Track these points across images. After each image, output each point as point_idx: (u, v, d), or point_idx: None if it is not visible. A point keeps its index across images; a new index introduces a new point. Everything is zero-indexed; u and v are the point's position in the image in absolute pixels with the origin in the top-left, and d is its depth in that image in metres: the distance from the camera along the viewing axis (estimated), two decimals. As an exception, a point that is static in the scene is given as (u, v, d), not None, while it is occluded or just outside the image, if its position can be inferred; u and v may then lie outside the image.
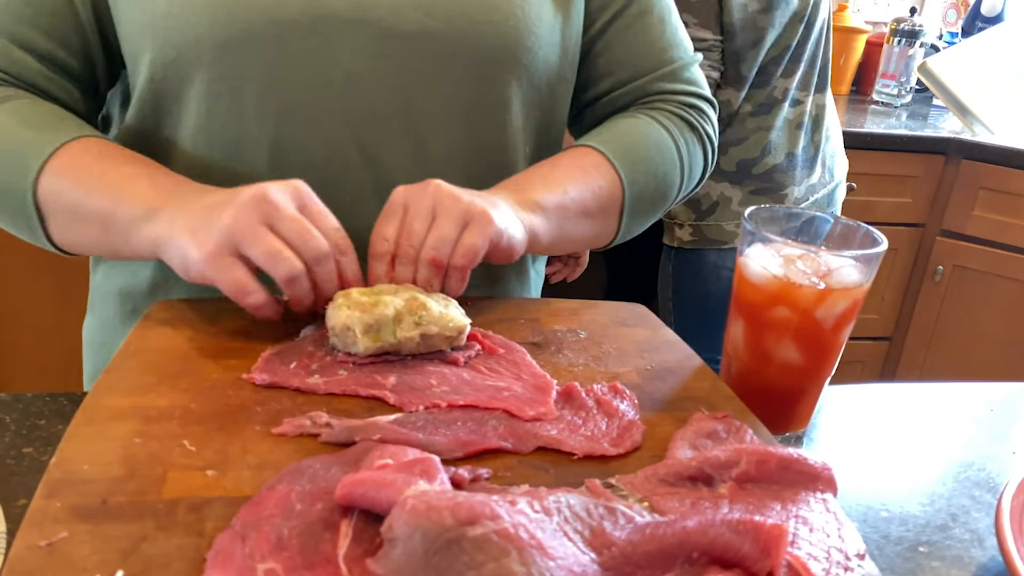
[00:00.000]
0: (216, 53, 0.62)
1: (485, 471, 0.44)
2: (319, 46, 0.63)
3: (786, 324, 0.55)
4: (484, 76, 0.68)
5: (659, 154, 0.75)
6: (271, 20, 0.62)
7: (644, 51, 0.77)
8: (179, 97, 0.65)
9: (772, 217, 0.59)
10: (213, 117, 0.65)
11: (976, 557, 0.50)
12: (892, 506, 0.54)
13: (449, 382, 0.53)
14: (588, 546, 0.37)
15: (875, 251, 0.54)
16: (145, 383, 0.50)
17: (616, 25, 0.76)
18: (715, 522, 0.37)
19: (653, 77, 0.77)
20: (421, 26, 0.65)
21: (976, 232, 1.96)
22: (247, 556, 0.36)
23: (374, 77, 0.65)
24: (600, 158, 0.71)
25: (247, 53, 0.62)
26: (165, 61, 0.63)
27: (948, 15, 2.55)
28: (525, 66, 0.69)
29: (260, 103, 0.64)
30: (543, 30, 0.69)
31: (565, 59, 0.73)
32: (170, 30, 0.62)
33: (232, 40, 0.62)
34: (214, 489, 0.41)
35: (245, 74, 0.63)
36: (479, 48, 0.67)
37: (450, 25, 0.65)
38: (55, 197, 0.60)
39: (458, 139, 0.69)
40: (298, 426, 0.47)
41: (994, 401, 0.71)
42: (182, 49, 0.62)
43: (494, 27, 0.67)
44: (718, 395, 0.55)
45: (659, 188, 0.75)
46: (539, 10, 0.69)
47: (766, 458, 0.44)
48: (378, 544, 0.37)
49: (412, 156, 0.68)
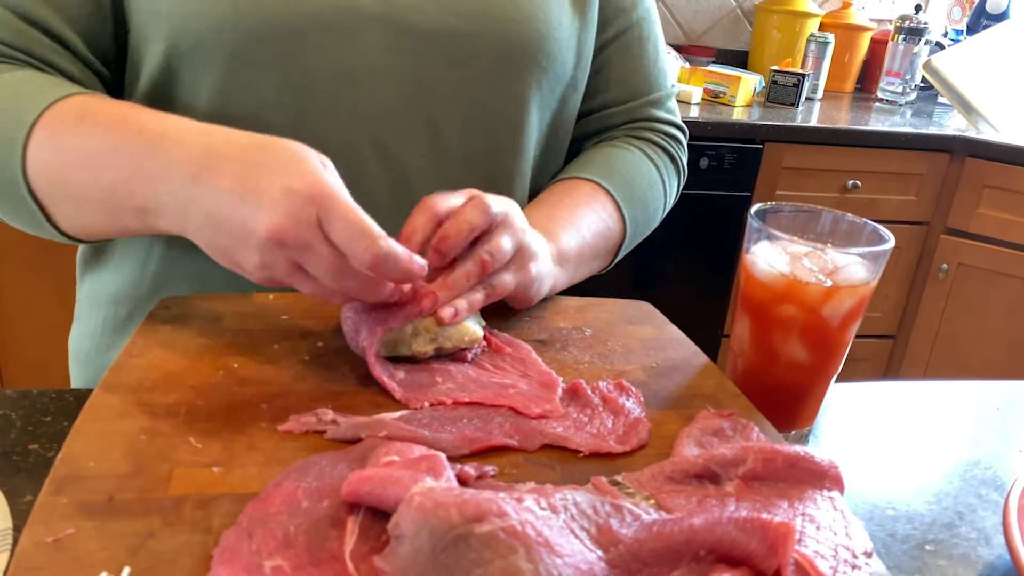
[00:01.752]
0: (237, 43, 0.61)
1: (491, 468, 0.44)
2: (341, 39, 0.63)
3: (793, 322, 0.55)
4: (503, 76, 0.68)
5: (651, 192, 0.79)
6: (296, 11, 0.61)
7: (639, 75, 0.80)
8: (193, 87, 0.64)
9: (778, 214, 0.59)
10: (229, 106, 0.64)
11: (983, 555, 0.50)
12: (898, 504, 0.54)
13: (455, 379, 0.53)
14: (595, 544, 0.37)
15: (882, 248, 0.54)
16: (151, 380, 0.50)
17: (618, 43, 0.77)
18: (722, 520, 0.37)
19: (644, 102, 0.81)
20: (443, 24, 0.65)
21: (981, 230, 1.96)
22: (254, 553, 0.36)
23: (394, 73, 0.65)
24: (608, 199, 0.74)
25: (268, 43, 0.61)
26: (181, 50, 0.62)
27: (953, 12, 2.54)
28: (544, 68, 0.69)
29: (279, 94, 0.63)
30: (562, 34, 0.70)
31: (579, 66, 0.74)
32: (188, 16, 0.61)
33: (254, 30, 0.61)
34: (220, 486, 0.41)
35: (264, 64, 0.62)
36: (500, 47, 0.67)
37: (472, 23, 0.65)
38: (46, 186, 0.56)
39: (475, 139, 0.69)
40: (304, 423, 0.47)
41: (1000, 400, 0.70)
42: (202, 37, 0.61)
43: (516, 26, 0.67)
44: (724, 393, 0.55)
45: (648, 225, 0.80)
46: (559, 14, 0.69)
47: (773, 456, 0.44)
48: (384, 541, 0.37)
49: (428, 154, 0.67)
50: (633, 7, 0.78)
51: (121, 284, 0.73)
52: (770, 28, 2.27)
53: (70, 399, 0.56)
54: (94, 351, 0.75)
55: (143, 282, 0.71)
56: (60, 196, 0.57)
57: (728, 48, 2.45)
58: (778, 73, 2.06)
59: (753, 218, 0.56)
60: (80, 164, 0.54)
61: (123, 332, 0.73)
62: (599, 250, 0.73)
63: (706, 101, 2.03)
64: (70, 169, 0.55)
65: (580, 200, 0.72)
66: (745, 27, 2.47)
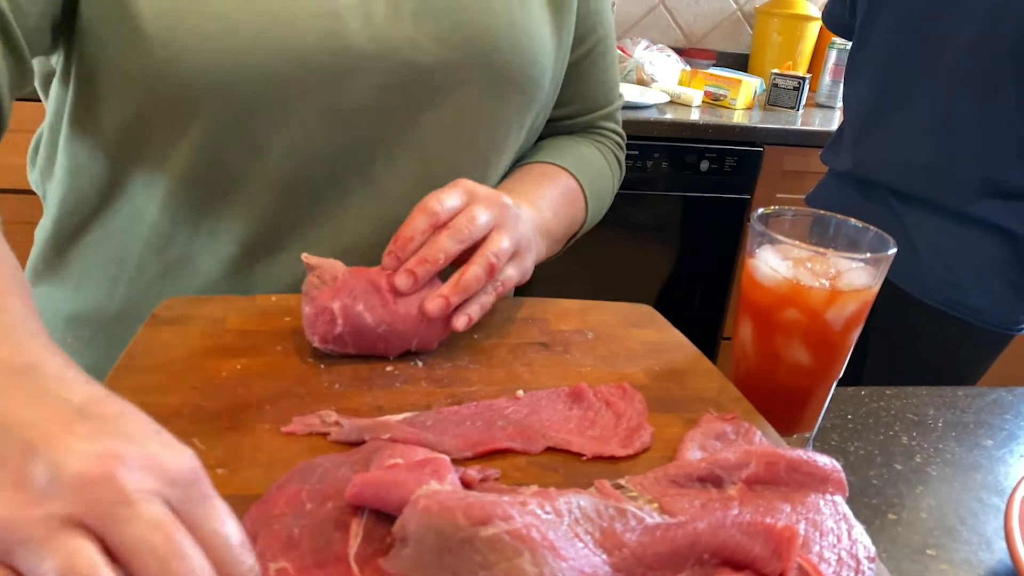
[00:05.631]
0: (225, 92, 0.58)
1: (495, 471, 0.44)
2: (332, 82, 0.61)
3: (795, 326, 0.55)
4: (492, 102, 0.68)
5: (608, 190, 0.84)
6: (287, 56, 0.58)
7: (600, 89, 0.83)
8: (180, 132, 0.61)
9: (780, 218, 0.59)
10: (213, 151, 0.62)
11: (984, 560, 0.50)
12: (900, 509, 0.54)
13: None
14: (599, 547, 0.37)
15: (884, 253, 0.54)
16: (154, 381, 0.50)
17: (588, 60, 0.79)
18: (726, 524, 0.37)
19: (602, 114, 0.84)
20: (435, 57, 0.64)
21: (980, 234, 1.95)
22: (258, 555, 0.36)
23: (384, 108, 0.64)
24: (578, 188, 0.77)
25: (258, 88, 0.59)
26: (163, 94, 0.59)
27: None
28: (527, 93, 0.70)
29: (264, 138, 0.62)
30: (545, 59, 0.71)
31: (554, 84, 0.75)
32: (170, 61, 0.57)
33: (245, 75, 0.58)
34: (224, 487, 0.41)
35: (253, 109, 0.60)
36: (489, 76, 0.67)
37: (463, 54, 0.65)
38: None
39: (463, 163, 0.69)
40: (308, 425, 0.47)
41: (1002, 404, 0.70)
42: (187, 82, 0.57)
43: (504, 55, 0.67)
44: (726, 396, 0.55)
45: (596, 220, 0.83)
46: (542, 39, 0.70)
47: (775, 460, 0.44)
48: (389, 544, 0.37)
49: (415, 182, 0.67)
50: (600, 23, 0.79)
51: (82, 306, 0.69)
52: (771, 31, 2.28)
53: (72, 400, 0.56)
54: None
55: (109, 306, 0.68)
56: None
57: (729, 51, 2.46)
58: (779, 76, 2.06)
59: (756, 222, 0.56)
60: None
61: (83, 356, 0.67)
62: (565, 233, 0.76)
63: (706, 104, 2.03)
64: None
65: (557, 183, 0.75)
66: (746, 30, 2.47)
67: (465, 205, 0.57)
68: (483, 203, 0.57)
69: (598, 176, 0.81)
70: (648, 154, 1.81)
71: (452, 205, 0.56)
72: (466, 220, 0.56)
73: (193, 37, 0.57)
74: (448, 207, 0.56)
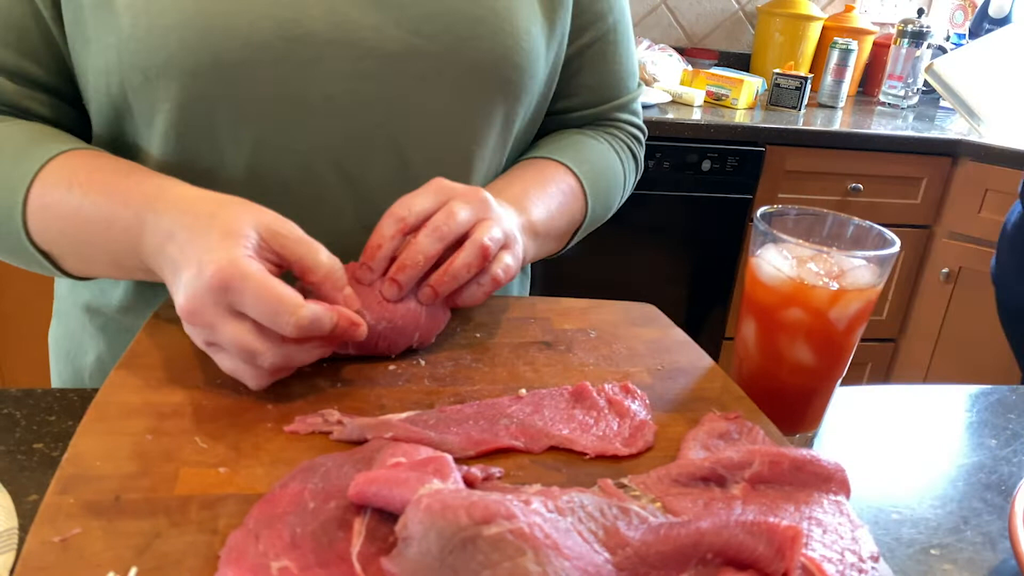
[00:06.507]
0: (186, 79, 0.58)
1: (498, 470, 0.44)
2: (295, 69, 0.59)
3: (799, 325, 0.55)
4: (472, 93, 0.66)
5: (614, 185, 0.79)
6: (244, 43, 0.57)
7: (611, 80, 0.79)
8: (148, 122, 0.61)
9: (784, 217, 0.59)
10: (183, 143, 0.61)
11: (988, 560, 0.50)
12: (903, 508, 0.54)
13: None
14: (602, 546, 0.37)
15: (888, 252, 0.54)
16: (157, 380, 0.50)
17: (593, 49, 0.75)
18: (729, 523, 0.37)
19: (613, 106, 0.80)
20: (406, 45, 0.62)
21: (982, 234, 1.96)
22: (261, 554, 0.36)
23: (354, 98, 0.62)
24: (577, 185, 0.74)
25: (219, 78, 0.58)
26: (132, 85, 0.59)
27: (955, 16, 2.54)
28: (512, 82, 0.67)
29: (234, 128, 0.61)
30: (531, 44, 0.67)
31: (549, 73, 0.72)
32: (136, 53, 0.57)
33: (202, 65, 0.57)
34: (226, 486, 0.41)
35: (217, 99, 0.59)
36: (468, 66, 0.64)
37: (437, 43, 0.63)
38: (52, 247, 0.58)
39: (443, 157, 0.67)
40: (310, 424, 0.47)
41: (1005, 404, 0.70)
42: (149, 74, 0.58)
43: (482, 43, 0.64)
44: (729, 395, 0.55)
45: (603, 217, 0.80)
46: (528, 24, 0.67)
47: (779, 459, 0.44)
48: (392, 543, 0.37)
49: (394, 176, 0.65)
50: (609, 11, 0.75)
51: (97, 295, 0.71)
52: (772, 31, 2.28)
53: (74, 398, 0.56)
54: (74, 352, 0.74)
55: (115, 297, 0.70)
56: (67, 254, 0.59)
57: (730, 51, 2.46)
58: (780, 76, 2.06)
59: (759, 221, 0.56)
60: (78, 231, 0.56)
61: (99, 339, 0.71)
62: (562, 232, 0.73)
63: (708, 104, 2.03)
64: (70, 235, 0.57)
65: (551, 180, 0.72)
66: (747, 30, 2.47)
67: (441, 204, 0.56)
68: (461, 199, 0.56)
69: (603, 172, 0.77)
70: (650, 154, 1.81)
71: (423, 208, 0.55)
72: (444, 216, 0.55)
73: (157, 25, 0.57)
74: (418, 211, 0.55)
